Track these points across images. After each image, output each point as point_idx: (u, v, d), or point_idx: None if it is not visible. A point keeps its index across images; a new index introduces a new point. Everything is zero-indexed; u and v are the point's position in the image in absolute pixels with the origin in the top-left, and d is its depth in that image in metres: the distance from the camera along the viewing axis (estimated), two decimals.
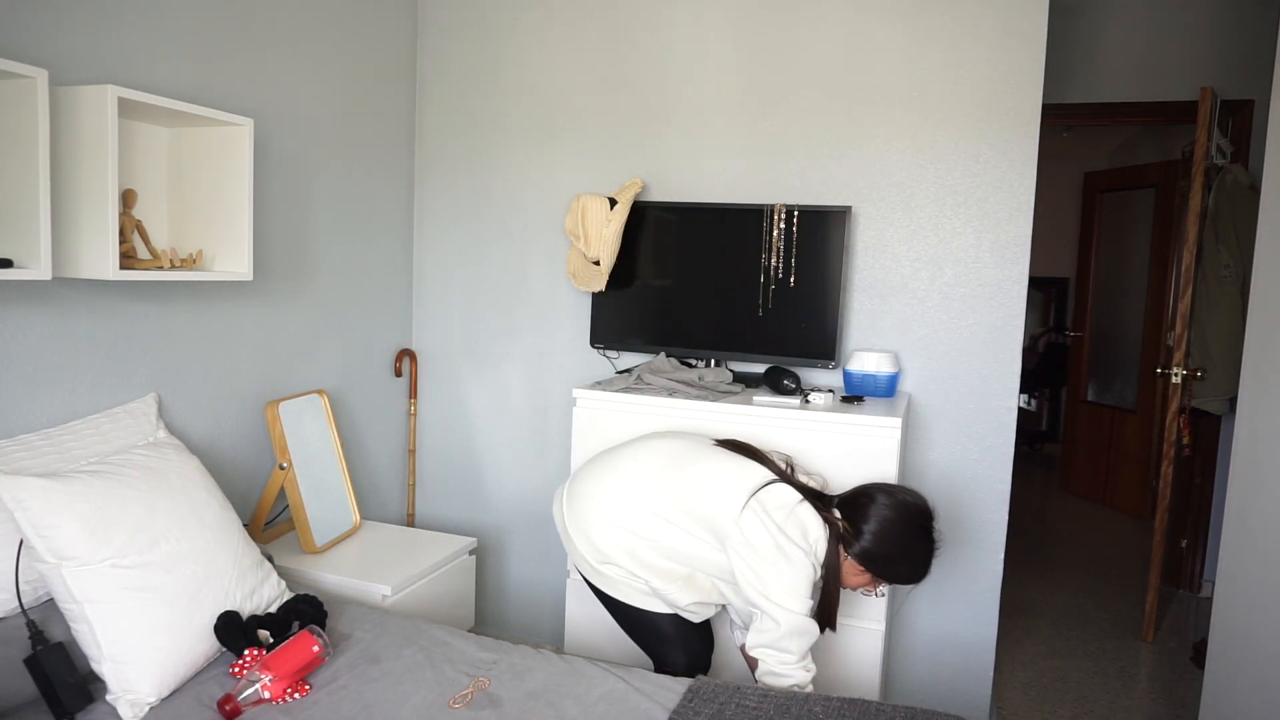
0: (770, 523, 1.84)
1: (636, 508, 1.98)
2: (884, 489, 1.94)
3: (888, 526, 1.88)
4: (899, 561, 1.91)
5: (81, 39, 1.83)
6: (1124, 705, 2.88)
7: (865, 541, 1.87)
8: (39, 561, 1.54)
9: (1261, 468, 2.22)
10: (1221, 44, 3.64)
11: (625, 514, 1.99)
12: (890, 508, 1.89)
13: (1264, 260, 2.27)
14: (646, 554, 1.98)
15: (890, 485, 1.98)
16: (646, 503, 1.97)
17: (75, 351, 1.88)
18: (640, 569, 1.98)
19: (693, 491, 1.94)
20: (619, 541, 1.99)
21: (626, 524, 1.98)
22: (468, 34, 2.98)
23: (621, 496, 2.01)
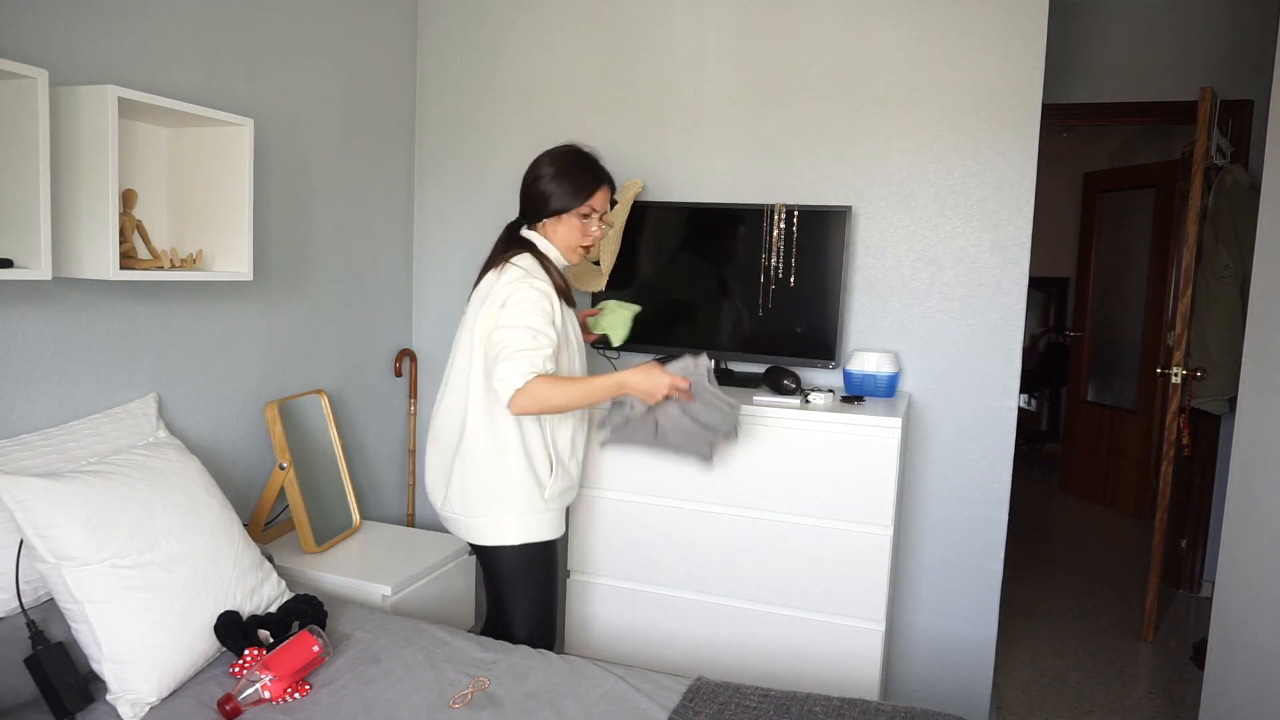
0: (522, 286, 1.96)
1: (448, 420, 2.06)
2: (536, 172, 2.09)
3: (542, 176, 2.05)
4: (568, 177, 2.05)
5: (81, 39, 1.83)
6: (1124, 705, 2.88)
7: (541, 191, 2.06)
8: (39, 561, 1.54)
9: (1261, 468, 2.22)
10: (1221, 44, 3.64)
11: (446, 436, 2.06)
12: (539, 174, 2.07)
13: (1264, 260, 2.28)
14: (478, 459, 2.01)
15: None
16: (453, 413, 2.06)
17: (75, 351, 1.88)
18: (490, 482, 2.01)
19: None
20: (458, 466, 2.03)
21: (452, 444, 2.04)
22: (468, 34, 2.98)
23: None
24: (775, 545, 2.28)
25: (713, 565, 2.34)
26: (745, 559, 2.31)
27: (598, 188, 2.06)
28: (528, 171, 2.09)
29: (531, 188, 2.07)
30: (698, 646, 2.38)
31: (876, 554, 2.20)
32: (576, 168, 2.05)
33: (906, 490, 2.62)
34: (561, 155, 2.07)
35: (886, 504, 2.18)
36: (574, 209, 2.04)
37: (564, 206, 2.04)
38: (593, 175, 2.06)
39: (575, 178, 2.04)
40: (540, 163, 2.08)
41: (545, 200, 2.04)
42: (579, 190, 2.04)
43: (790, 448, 2.24)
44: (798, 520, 2.25)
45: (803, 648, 2.28)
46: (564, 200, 2.03)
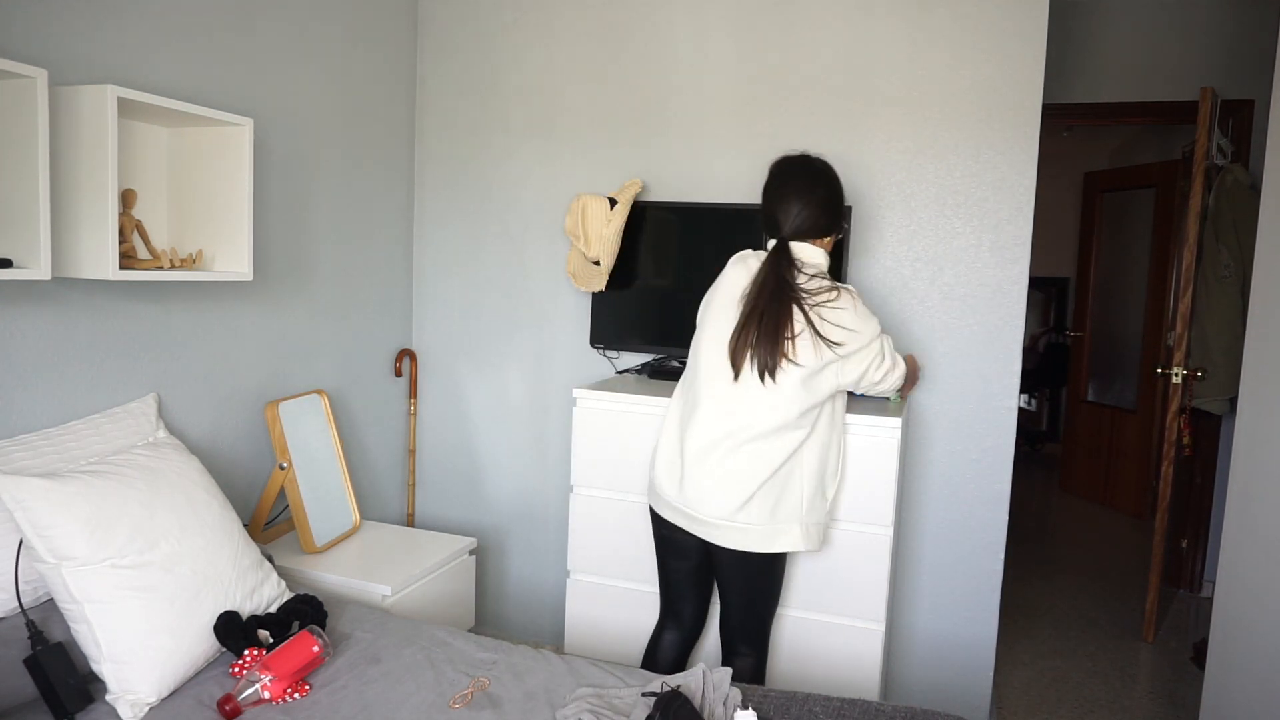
0: (857, 314, 1.97)
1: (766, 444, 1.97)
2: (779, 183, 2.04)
3: (818, 201, 2.01)
4: (832, 203, 2.04)
5: (81, 39, 1.83)
6: (1124, 705, 2.88)
7: (824, 224, 2.03)
8: (39, 561, 1.54)
9: (1261, 468, 2.22)
10: (1221, 44, 3.64)
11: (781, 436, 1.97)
12: (786, 191, 2.02)
13: (1264, 260, 2.27)
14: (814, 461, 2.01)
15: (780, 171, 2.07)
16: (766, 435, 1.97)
17: (75, 351, 1.88)
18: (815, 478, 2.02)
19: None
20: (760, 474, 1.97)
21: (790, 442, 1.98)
22: (468, 34, 2.98)
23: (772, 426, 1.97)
24: None
25: None
26: None
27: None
28: (833, 175, 2.06)
29: (841, 191, 2.08)
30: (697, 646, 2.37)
31: (876, 554, 2.20)
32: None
33: (906, 490, 2.62)
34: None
35: (886, 504, 2.18)
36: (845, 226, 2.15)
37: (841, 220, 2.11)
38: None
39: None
40: (833, 175, 2.07)
41: (841, 215, 2.09)
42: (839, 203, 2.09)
43: None
44: None
45: (803, 648, 2.28)
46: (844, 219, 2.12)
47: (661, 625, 2.23)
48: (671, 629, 2.21)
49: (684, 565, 2.14)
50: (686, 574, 2.15)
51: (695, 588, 2.17)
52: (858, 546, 2.20)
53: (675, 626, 2.21)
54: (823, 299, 1.94)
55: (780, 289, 1.93)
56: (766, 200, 2.05)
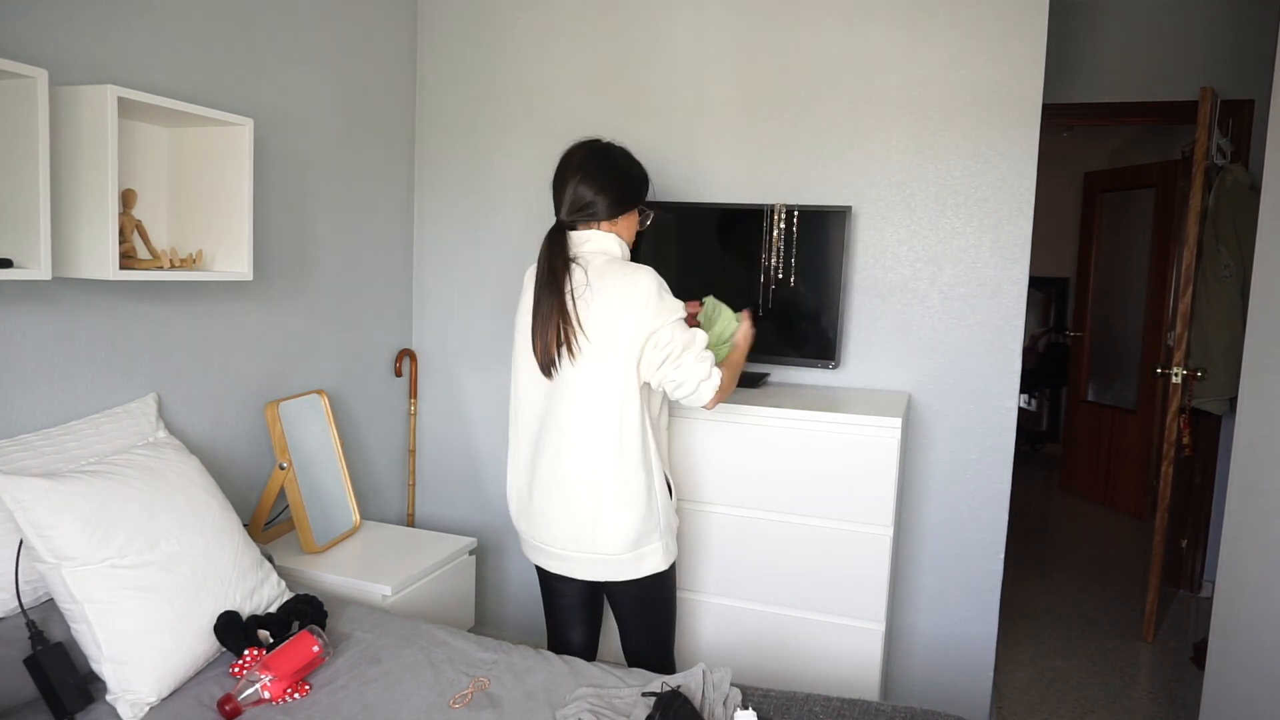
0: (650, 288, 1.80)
1: (599, 454, 1.82)
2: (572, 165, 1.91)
3: (599, 177, 1.87)
4: (626, 182, 1.91)
5: (81, 39, 1.83)
6: (1124, 705, 2.88)
7: (606, 203, 1.87)
8: (39, 561, 1.54)
9: (1261, 468, 2.22)
10: (1221, 44, 3.64)
11: (605, 464, 1.82)
12: (582, 171, 1.88)
13: (1264, 260, 2.27)
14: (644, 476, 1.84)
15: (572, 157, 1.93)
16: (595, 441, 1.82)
17: (75, 351, 1.88)
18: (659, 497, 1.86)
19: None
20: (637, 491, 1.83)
21: (627, 467, 1.82)
22: (468, 34, 2.98)
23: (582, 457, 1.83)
24: (775, 545, 2.27)
25: (712, 565, 2.34)
26: (745, 559, 2.31)
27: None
28: (624, 159, 1.94)
29: (631, 175, 1.93)
30: (697, 647, 2.38)
31: (876, 554, 2.20)
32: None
33: (906, 490, 2.62)
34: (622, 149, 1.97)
35: (886, 504, 2.18)
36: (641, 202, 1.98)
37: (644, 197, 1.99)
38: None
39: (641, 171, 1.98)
40: (624, 152, 1.96)
41: (642, 189, 1.95)
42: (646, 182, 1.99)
43: (790, 448, 2.24)
44: (797, 520, 2.25)
45: (803, 648, 2.28)
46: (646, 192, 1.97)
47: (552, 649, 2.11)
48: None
49: (568, 598, 2.03)
50: (573, 604, 2.04)
51: (583, 618, 2.07)
52: (858, 546, 2.21)
53: (565, 654, 2.07)
54: (608, 276, 1.80)
55: (553, 271, 1.81)
56: (553, 185, 1.92)
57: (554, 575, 2.00)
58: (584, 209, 1.87)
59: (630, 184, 1.92)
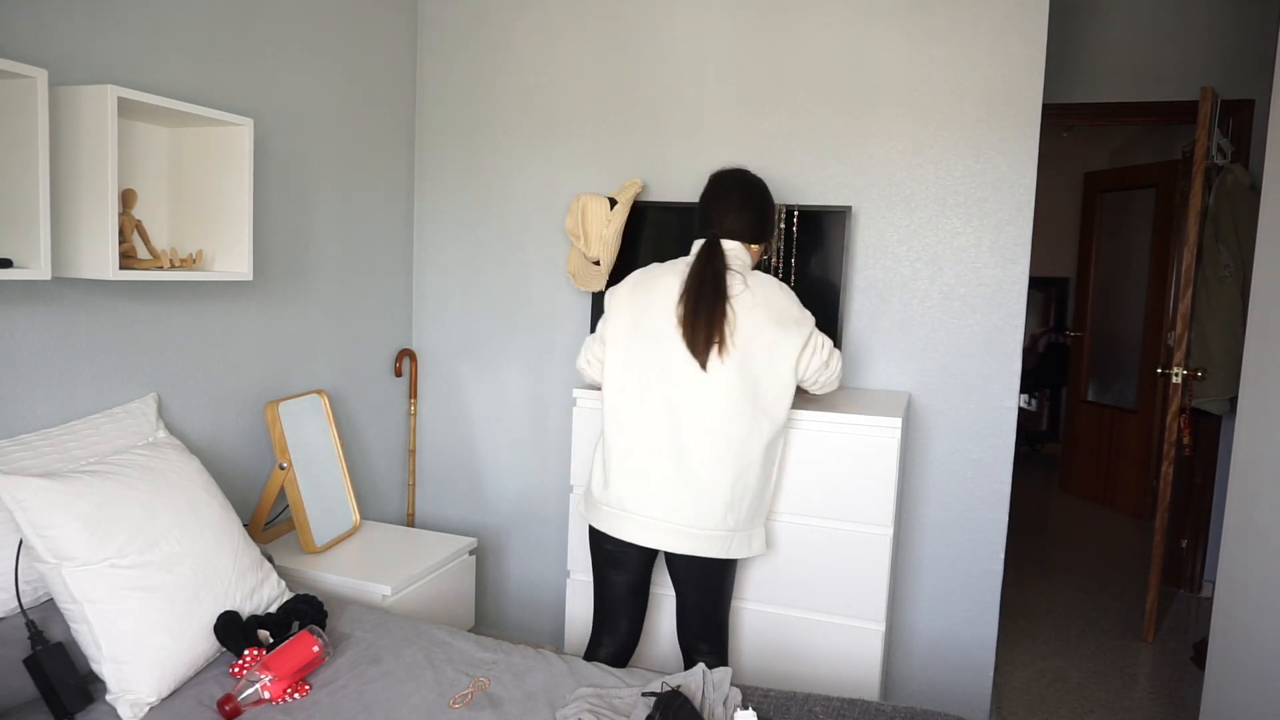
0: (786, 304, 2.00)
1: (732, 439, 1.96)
2: (717, 193, 2.07)
3: (750, 207, 2.05)
4: (764, 214, 2.09)
5: (81, 39, 1.83)
6: (1124, 705, 2.88)
7: (757, 232, 2.08)
8: (39, 561, 1.54)
9: (1261, 468, 2.22)
10: (1221, 44, 3.64)
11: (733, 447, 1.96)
12: (740, 199, 2.05)
13: (1264, 260, 2.27)
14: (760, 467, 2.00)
15: (719, 181, 2.09)
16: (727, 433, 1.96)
17: (75, 351, 1.88)
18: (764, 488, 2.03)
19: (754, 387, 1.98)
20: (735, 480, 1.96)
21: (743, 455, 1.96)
22: (468, 34, 2.98)
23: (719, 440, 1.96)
24: (775, 545, 2.27)
25: None
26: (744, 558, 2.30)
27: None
28: (767, 191, 2.11)
29: (773, 213, 2.13)
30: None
31: (876, 554, 2.20)
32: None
33: (906, 490, 2.62)
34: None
35: (886, 504, 2.18)
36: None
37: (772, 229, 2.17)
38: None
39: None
40: (767, 186, 2.14)
41: (769, 229, 2.13)
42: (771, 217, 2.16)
43: (790, 448, 2.24)
44: (797, 520, 2.25)
45: (803, 648, 2.28)
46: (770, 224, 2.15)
47: (596, 641, 2.17)
48: (608, 644, 2.16)
49: (624, 579, 2.11)
50: (626, 588, 2.12)
51: (633, 601, 2.15)
52: (858, 546, 2.21)
53: (611, 641, 2.16)
54: (765, 289, 1.98)
55: (717, 274, 1.96)
56: (704, 202, 2.07)
57: (621, 554, 2.07)
58: (737, 231, 2.04)
59: (773, 221, 2.15)
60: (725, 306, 1.93)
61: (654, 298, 2.01)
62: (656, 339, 1.98)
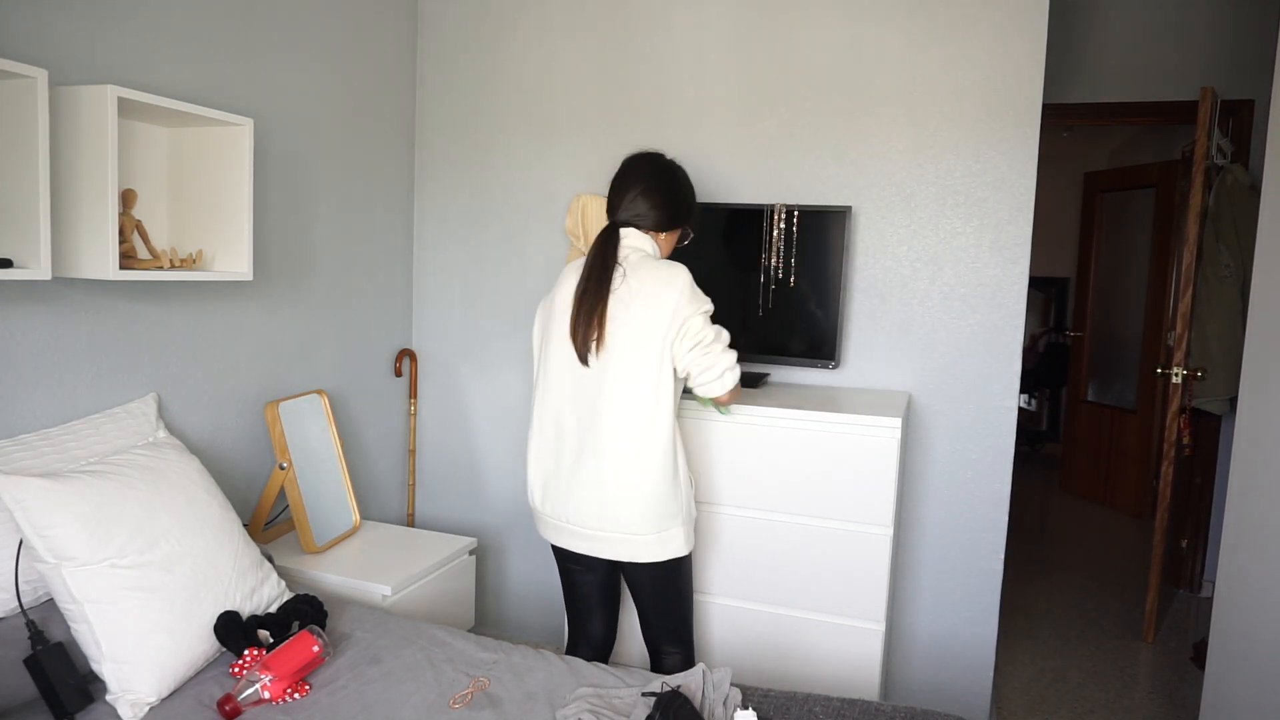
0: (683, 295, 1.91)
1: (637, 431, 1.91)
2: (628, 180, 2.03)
3: (653, 190, 2.00)
4: (680, 198, 2.06)
5: (81, 39, 1.83)
6: (1124, 705, 2.88)
7: (654, 217, 2.01)
8: (39, 561, 1.54)
9: (1261, 468, 2.22)
10: (1221, 44, 3.64)
11: (641, 444, 1.90)
12: (648, 185, 2.01)
13: (1264, 260, 2.27)
14: (670, 459, 1.92)
15: (630, 169, 2.06)
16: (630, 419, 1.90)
17: (75, 351, 1.88)
18: (682, 479, 1.96)
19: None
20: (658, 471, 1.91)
21: (653, 450, 1.91)
22: (468, 34, 2.98)
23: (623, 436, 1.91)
24: (775, 545, 2.27)
25: (712, 565, 2.34)
26: (745, 559, 2.31)
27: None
28: (679, 175, 2.08)
29: (687, 200, 2.09)
30: (697, 646, 2.37)
31: (876, 554, 2.20)
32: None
33: (906, 490, 2.62)
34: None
35: (886, 504, 2.18)
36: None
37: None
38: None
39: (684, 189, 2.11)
40: (684, 174, 2.11)
41: (692, 213, 2.11)
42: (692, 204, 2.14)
43: (790, 448, 2.24)
44: (797, 520, 2.25)
45: (803, 648, 2.28)
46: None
47: (574, 642, 2.19)
48: (584, 647, 2.17)
49: (589, 579, 2.10)
50: (591, 588, 2.11)
51: (601, 602, 2.14)
52: (858, 546, 2.21)
53: (586, 644, 2.17)
54: (644, 272, 1.91)
55: (603, 269, 1.92)
56: (610, 190, 2.04)
57: (575, 558, 2.05)
58: (638, 217, 2.00)
59: (684, 208, 2.08)
60: (605, 301, 1.89)
61: (557, 299, 2.01)
62: (558, 341, 1.97)
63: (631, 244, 1.97)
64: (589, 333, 1.89)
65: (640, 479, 1.90)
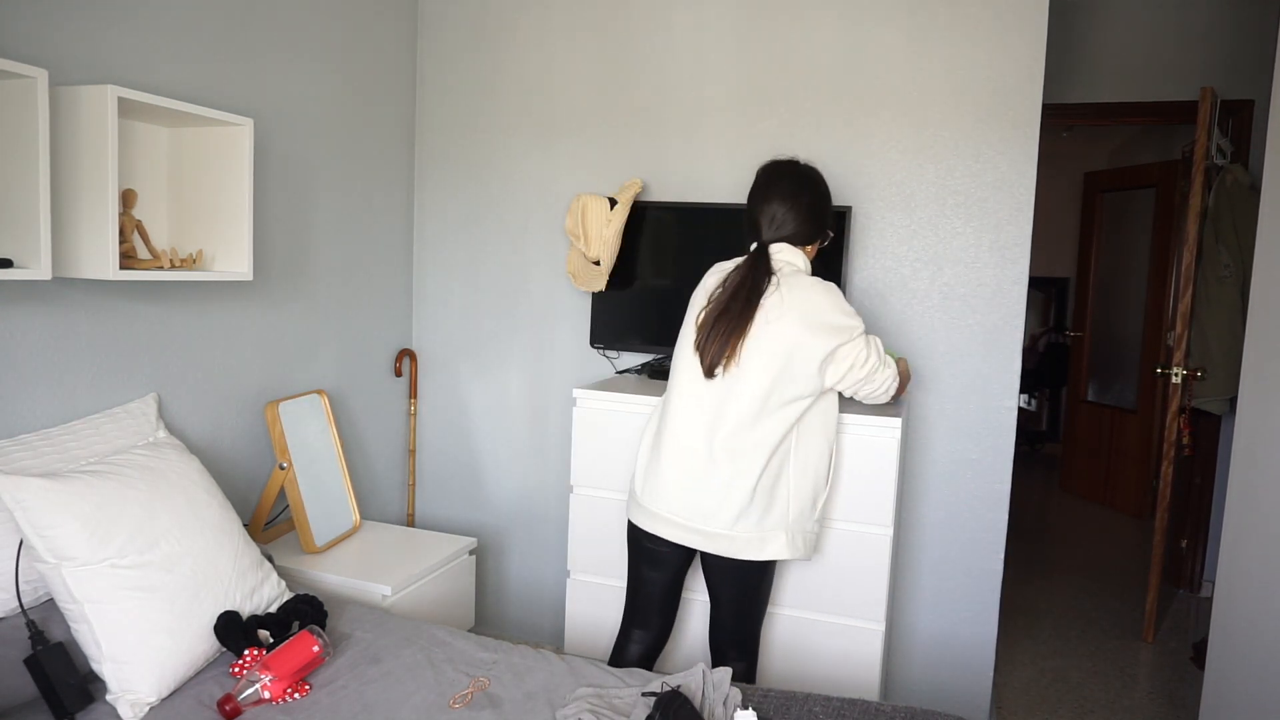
0: (836, 310, 1.93)
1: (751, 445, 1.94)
2: (769, 184, 2.02)
3: (797, 205, 1.99)
4: (819, 204, 2.04)
5: (81, 39, 1.83)
6: (1124, 705, 2.88)
7: (794, 228, 2.00)
8: (39, 561, 1.54)
9: (1261, 468, 2.22)
10: (1221, 44, 3.64)
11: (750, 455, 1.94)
12: (793, 188, 2.00)
13: (1264, 260, 2.27)
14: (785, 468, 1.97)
15: (771, 171, 2.05)
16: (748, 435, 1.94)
17: (75, 351, 1.88)
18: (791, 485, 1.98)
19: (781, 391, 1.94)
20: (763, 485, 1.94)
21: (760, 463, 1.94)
22: (468, 34, 2.98)
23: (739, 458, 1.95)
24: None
25: None
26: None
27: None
28: (819, 182, 2.05)
29: (828, 205, 2.06)
30: (697, 646, 2.37)
31: (876, 554, 2.20)
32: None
33: (906, 490, 2.62)
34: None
35: (886, 504, 2.18)
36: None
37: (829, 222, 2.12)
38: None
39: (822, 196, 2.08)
40: (821, 178, 2.07)
41: (826, 222, 2.07)
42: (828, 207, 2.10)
43: None
44: None
45: (802, 648, 2.28)
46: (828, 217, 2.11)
47: (626, 637, 2.17)
48: (639, 641, 2.16)
49: (660, 577, 2.11)
50: (662, 586, 2.12)
51: (666, 600, 2.15)
52: (858, 546, 2.21)
53: (643, 639, 2.16)
54: (800, 291, 1.92)
55: (752, 289, 1.92)
56: (750, 204, 2.03)
57: (652, 552, 2.08)
58: (789, 236, 2.00)
59: (827, 214, 2.06)
60: (749, 321, 1.91)
61: (697, 299, 2.05)
62: (689, 340, 2.02)
63: (784, 258, 1.98)
64: (721, 352, 1.92)
65: (754, 481, 1.93)
